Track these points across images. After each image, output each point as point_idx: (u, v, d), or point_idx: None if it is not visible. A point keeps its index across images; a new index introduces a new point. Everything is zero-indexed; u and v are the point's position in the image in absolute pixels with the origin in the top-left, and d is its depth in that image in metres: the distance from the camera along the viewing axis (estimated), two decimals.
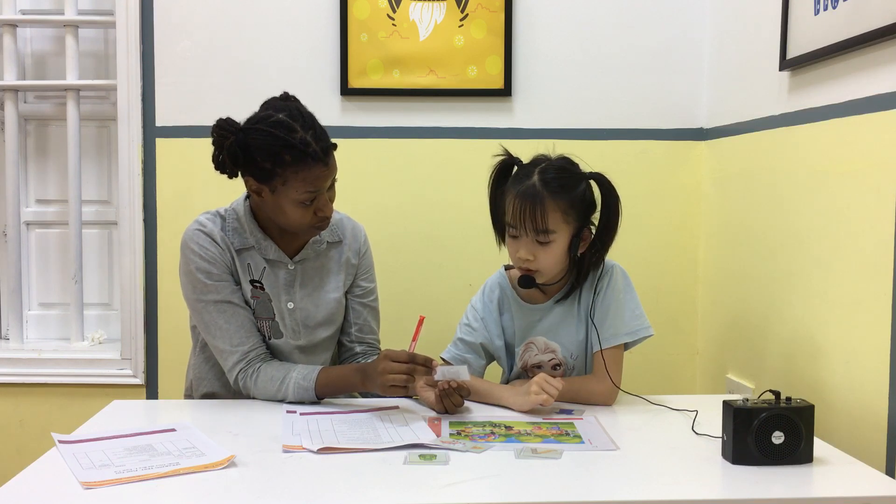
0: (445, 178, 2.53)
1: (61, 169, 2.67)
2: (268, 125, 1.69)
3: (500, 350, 1.88)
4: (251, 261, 1.83)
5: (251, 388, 1.78)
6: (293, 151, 1.67)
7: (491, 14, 2.48)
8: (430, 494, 1.28)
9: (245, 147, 1.70)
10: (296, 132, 1.68)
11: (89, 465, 1.36)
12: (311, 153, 1.68)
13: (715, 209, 2.44)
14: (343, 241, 1.94)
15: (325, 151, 1.71)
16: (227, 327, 1.79)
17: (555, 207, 1.71)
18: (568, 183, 1.73)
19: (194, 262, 1.79)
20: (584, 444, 1.50)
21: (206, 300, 1.79)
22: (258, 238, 1.83)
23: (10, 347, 2.65)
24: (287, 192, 1.71)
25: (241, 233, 1.83)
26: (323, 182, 1.73)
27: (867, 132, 1.64)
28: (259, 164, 1.70)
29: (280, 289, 1.84)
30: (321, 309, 1.89)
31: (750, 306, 2.16)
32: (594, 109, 2.53)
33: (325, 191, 1.75)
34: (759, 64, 2.12)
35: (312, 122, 1.74)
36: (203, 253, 1.79)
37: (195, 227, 1.82)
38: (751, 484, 1.33)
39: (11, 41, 2.58)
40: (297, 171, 1.69)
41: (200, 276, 1.78)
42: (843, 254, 1.71)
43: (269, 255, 1.83)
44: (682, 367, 2.59)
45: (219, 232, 1.81)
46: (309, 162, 1.68)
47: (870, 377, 1.61)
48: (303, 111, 1.75)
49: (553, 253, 1.74)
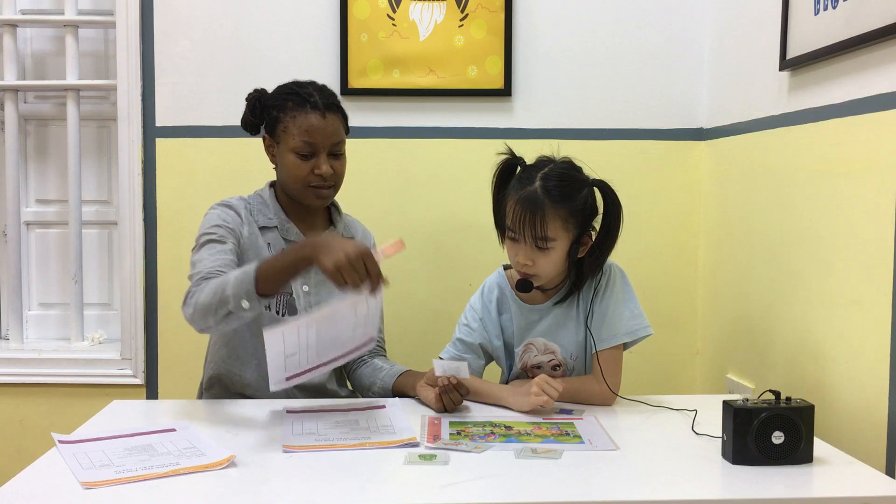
0: (445, 178, 2.53)
1: (61, 169, 2.67)
2: (285, 84, 1.91)
3: (498, 350, 1.88)
4: (272, 240, 1.88)
5: (196, 298, 1.66)
6: (295, 98, 1.84)
7: (491, 14, 2.48)
8: (430, 494, 1.28)
9: (262, 101, 1.89)
10: (305, 87, 1.87)
11: (89, 465, 1.36)
12: (312, 102, 1.83)
13: (715, 209, 2.44)
14: (355, 238, 1.98)
15: (327, 106, 1.84)
16: (208, 258, 1.76)
17: (555, 216, 1.70)
18: (570, 190, 1.72)
19: (211, 221, 1.84)
20: (584, 444, 1.51)
21: (204, 239, 1.81)
22: (282, 219, 1.90)
23: (10, 347, 2.65)
24: (287, 140, 1.83)
25: (266, 213, 1.90)
26: (318, 135, 1.82)
27: (867, 132, 1.64)
28: (270, 113, 1.87)
29: None
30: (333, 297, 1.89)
31: (750, 306, 2.16)
32: (594, 109, 2.53)
33: (324, 150, 1.83)
34: (758, 64, 2.12)
35: (326, 88, 1.90)
36: (224, 216, 1.85)
37: (220, 202, 1.90)
38: (751, 484, 1.33)
39: (11, 41, 2.58)
40: (295, 117, 1.82)
41: (211, 228, 1.82)
42: (844, 254, 1.71)
43: (290, 237, 1.89)
44: (682, 367, 2.59)
45: (244, 209, 1.89)
46: (307, 108, 1.82)
47: (870, 377, 1.61)
48: (325, 86, 1.91)
49: (552, 259, 1.73)
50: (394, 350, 2.18)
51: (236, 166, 2.49)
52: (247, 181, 2.44)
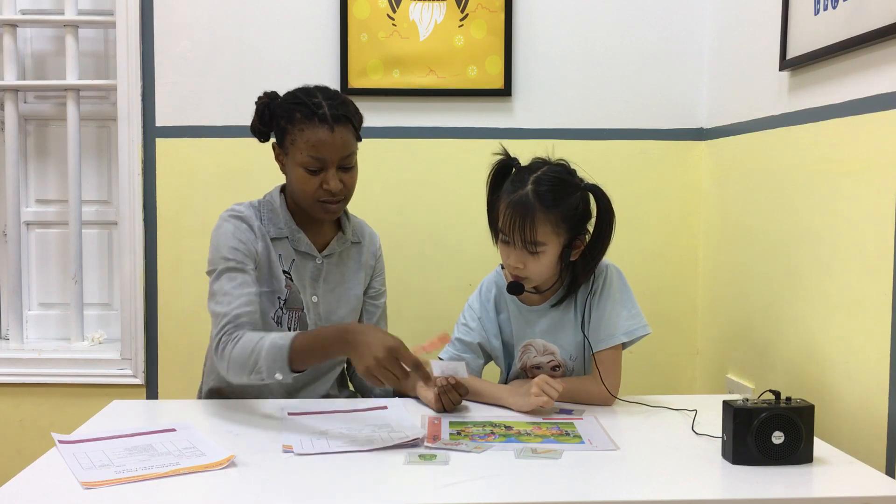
0: (445, 178, 2.53)
1: (61, 169, 2.67)
2: (295, 90, 1.82)
3: (497, 350, 1.88)
4: (283, 251, 1.84)
5: (229, 354, 1.67)
6: (303, 109, 1.75)
7: (491, 14, 2.48)
8: (430, 494, 1.28)
9: (272, 108, 1.82)
10: (314, 97, 1.78)
11: (89, 465, 1.36)
12: (320, 114, 1.74)
13: (715, 209, 2.44)
14: (362, 243, 1.97)
15: (336, 119, 1.75)
16: (232, 292, 1.74)
17: (545, 220, 1.69)
18: (561, 195, 1.70)
19: (225, 237, 1.79)
20: (585, 444, 1.50)
21: (222, 266, 1.77)
22: (292, 229, 1.85)
23: (10, 347, 2.65)
24: (294, 153, 1.77)
25: (276, 222, 1.85)
26: (326, 150, 1.74)
27: (867, 132, 1.64)
28: (278, 123, 1.79)
29: (306, 281, 1.86)
30: (342, 305, 1.90)
31: (750, 306, 2.16)
32: (594, 109, 2.53)
33: (333, 164, 1.76)
34: (758, 64, 2.12)
35: (337, 97, 1.80)
36: (236, 233, 1.80)
37: (230, 212, 1.84)
38: (751, 484, 1.33)
39: (11, 41, 2.58)
40: (303, 130, 1.75)
41: (224, 251, 1.78)
42: (843, 254, 1.71)
43: (301, 247, 1.85)
44: (682, 367, 2.59)
45: (255, 220, 1.83)
46: (315, 122, 1.74)
47: (870, 377, 1.61)
48: (339, 92, 1.83)
49: (542, 262, 1.73)
50: None
51: (236, 166, 2.49)
52: (247, 181, 2.45)
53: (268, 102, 1.83)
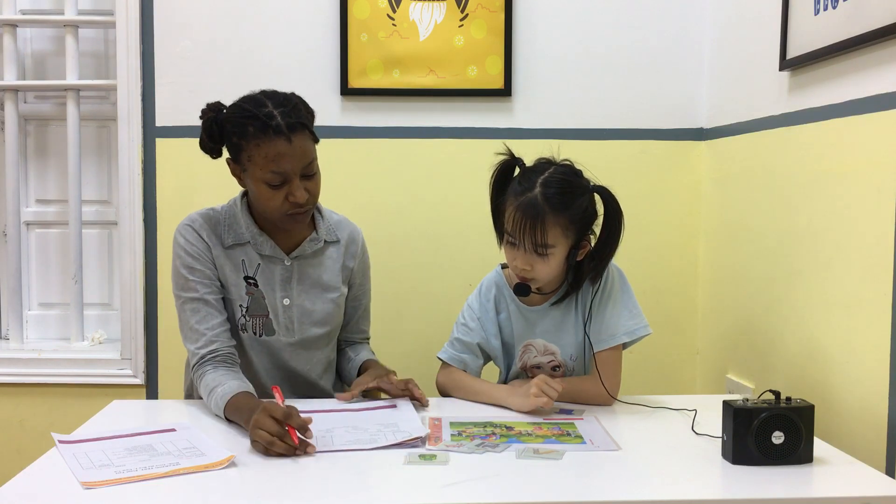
0: (445, 178, 2.53)
1: (61, 169, 2.67)
2: (241, 100, 1.72)
3: (496, 350, 1.88)
4: (245, 257, 1.81)
5: (198, 387, 1.74)
6: (256, 123, 1.66)
7: (491, 14, 2.48)
8: (430, 494, 1.28)
9: (220, 122, 1.72)
10: (264, 107, 1.68)
11: (89, 465, 1.36)
12: (274, 126, 1.65)
13: (715, 209, 2.44)
14: (340, 242, 1.92)
15: (291, 128, 1.66)
16: (197, 328, 1.76)
17: (555, 223, 1.68)
18: (571, 197, 1.70)
19: (180, 258, 1.79)
20: (586, 444, 1.50)
21: (184, 297, 1.78)
22: (254, 233, 1.81)
23: (10, 347, 2.65)
24: (253, 170, 1.69)
25: (237, 228, 1.82)
26: (287, 162, 1.67)
27: (867, 132, 1.64)
28: (231, 139, 1.71)
29: (276, 284, 1.83)
30: (318, 307, 1.87)
31: (750, 306, 2.16)
32: (594, 109, 2.53)
33: (295, 175, 1.69)
34: (758, 64, 2.12)
35: (288, 102, 1.70)
36: (188, 248, 1.78)
37: (185, 222, 1.82)
38: (751, 484, 1.33)
39: (11, 41, 2.58)
40: (259, 145, 1.66)
41: (184, 271, 1.78)
42: (843, 254, 1.71)
43: (265, 251, 1.82)
44: (682, 367, 2.59)
45: (208, 228, 1.80)
46: (270, 135, 1.65)
47: (870, 377, 1.61)
48: (286, 95, 1.73)
49: (550, 264, 1.73)
50: (394, 350, 2.19)
51: None
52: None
53: (213, 117, 1.73)
